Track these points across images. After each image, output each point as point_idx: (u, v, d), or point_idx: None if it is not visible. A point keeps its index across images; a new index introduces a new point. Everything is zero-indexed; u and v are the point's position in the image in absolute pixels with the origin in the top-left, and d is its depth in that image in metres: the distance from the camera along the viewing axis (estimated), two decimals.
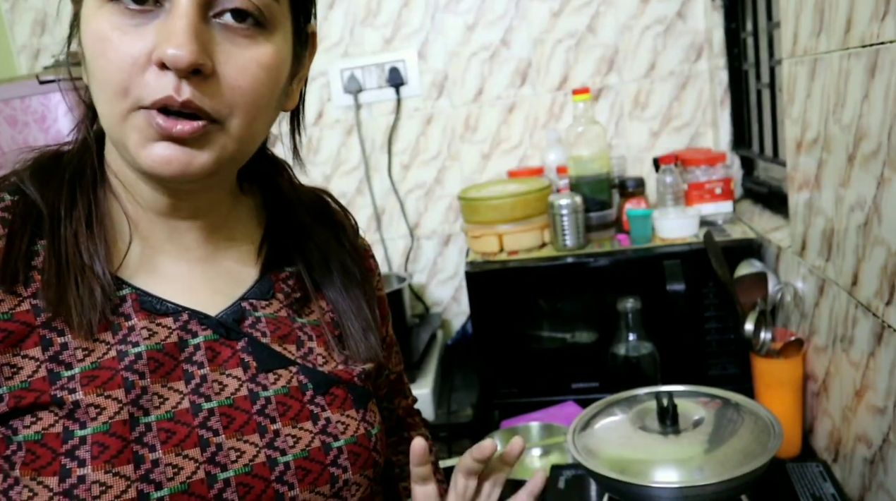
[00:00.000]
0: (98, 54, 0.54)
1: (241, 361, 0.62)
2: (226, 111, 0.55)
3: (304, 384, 0.64)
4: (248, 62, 0.56)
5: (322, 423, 0.63)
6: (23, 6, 1.92)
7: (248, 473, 0.58)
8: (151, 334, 0.59)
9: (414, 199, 1.91)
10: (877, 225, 0.82)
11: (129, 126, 0.54)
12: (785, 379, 1.13)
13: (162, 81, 0.52)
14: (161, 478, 0.55)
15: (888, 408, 0.85)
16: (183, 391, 0.59)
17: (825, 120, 0.95)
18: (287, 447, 0.61)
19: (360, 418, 0.66)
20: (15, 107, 1.44)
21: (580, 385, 1.46)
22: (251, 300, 0.66)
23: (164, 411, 0.57)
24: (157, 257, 0.63)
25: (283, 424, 0.62)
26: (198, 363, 0.60)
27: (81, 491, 0.52)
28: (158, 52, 0.52)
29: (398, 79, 1.82)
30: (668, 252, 1.37)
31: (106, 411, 0.55)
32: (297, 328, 0.67)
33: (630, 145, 1.80)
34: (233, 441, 0.59)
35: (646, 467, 0.79)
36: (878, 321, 0.85)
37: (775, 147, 1.48)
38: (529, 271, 1.44)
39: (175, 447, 0.56)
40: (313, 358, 0.66)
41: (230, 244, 0.68)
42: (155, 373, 0.58)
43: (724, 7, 1.64)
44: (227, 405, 0.60)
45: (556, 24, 1.76)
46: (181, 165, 0.55)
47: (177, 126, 0.53)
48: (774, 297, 1.21)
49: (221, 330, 0.63)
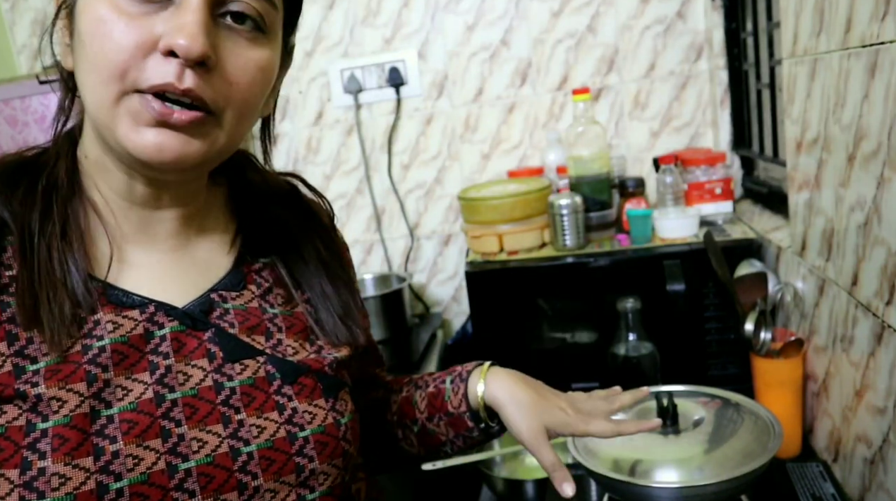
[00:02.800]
0: (98, 35, 0.55)
1: (208, 351, 0.63)
2: (222, 104, 0.57)
3: (272, 374, 0.64)
4: (248, 62, 0.58)
5: (288, 413, 0.64)
6: (23, 6, 1.92)
7: (210, 463, 0.59)
8: (116, 326, 0.60)
9: (414, 199, 1.91)
10: (877, 225, 0.82)
11: (121, 109, 0.55)
12: (785, 379, 1.13)
13: (165, 68, 0.54)
14: (121, 469, 0.55)
15: (888, 408, 0.85)
16: (147, 382, 0.59)
17: (825, 120, 0.95)
18: (251, 437, 0.61)
19: (328, 407, 0.66)
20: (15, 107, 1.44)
21: (580, 385, 1.45)
22: (221, 292, 0.67)
23: (127, 402, 0.58)
24: (129, 247, 0.64)
25: (248, 414, 0.62)
26: (163, 353, 0.61)
27: (41, 483, 0.53)
28: (168, 40, 0.54)
29: (398, 79, 1.82)
30: (668, 252, 1.37)
31: (67, 404, 0.55)
32: (267, 319, 0.68)
33: (630, 145, 1.80)
34: (195, 431, 0.59)
35: (646, 467, 0.79)
36: (878, 321, 0.85)
37: (775, 147, 1.48)
38: (529, 271, 1.44)
39: (136, 438, 0.57)
40: (283, 349, 0.67)
41: (203, 235, 0.69)
42: (119, 365, 0.59)
43: (724, 7, 1.64)
44: (191, 395, 0.60)
45: (556, 24, 1.76)
46: (174, 153, 0.56)
47: (175, 113, 0.55)
48: (774, 297, 1.21)
49: (188, 321, 0.63)
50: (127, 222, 0.64)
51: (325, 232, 0.77)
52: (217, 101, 0.57)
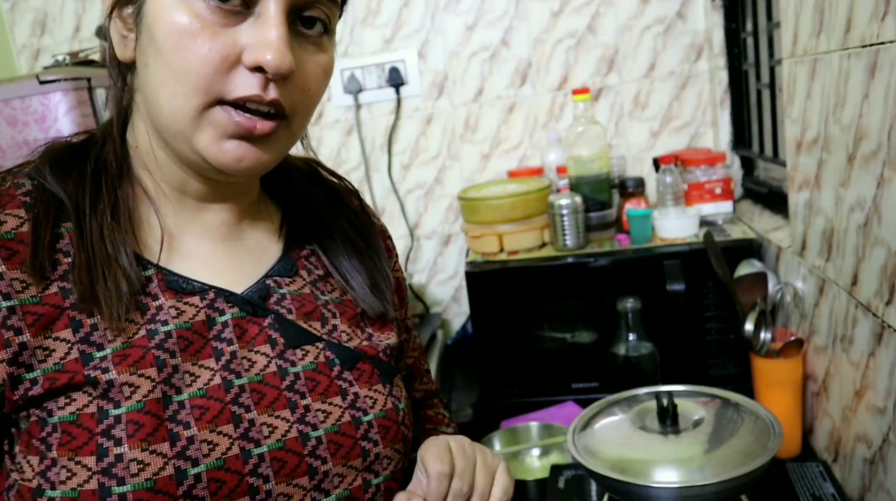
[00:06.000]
0: (182, 47, 0.55)
1: (269, 337, 0.63)
2: (296, 109, 0.60)
3: (331, 360, 0.65)
4: (317, 67, 0.60)
5: (351, 398, 0.64)
6: (23, 6, 1.92)
7: (282, 448, 0.59)
8: (179, 312, 0.60)
9: (414, 199, 1.91)
10: (877, 225, 0.82)
11: (204, 121, 0.56)
12: (785, 379, 1.13)
13: (251, 80, 0.55)
14: (197, 455, 0.55)
15: (888, 408, 0.85)
16: (214, 368, 0.59)
17: (825, 120, 0.95)
18: (318, 421, 0.62)
19: (387, 392, 0.67)
20: (15, 107, 1.44)
21: (580, 385, 1.46)
22: (275, 278, 0.67)
23: (196, 388, 0.58)
24: (182, 236, 0.64)
25: (313, 399, 0.63)
26: (226, 340, 0.61)
27: (120, 470, 0.53)
28: (256, 56, 0.55)
29: (398, 79, 1.82)
30: (668, 252, 1.37)
31: (140, 389, 0.56)
32: (320, 305, 0.68)
33: (630, 145, 1.80)
34: (265, 416, 0.60)
35: (646, 467, 0.79)
36: (878, 321, 0.85)
37: (775, 147, 1.48)
38: (529, 271, 1.44)
39: (209, 423, 0.57)
40: (338, 334, 0.67)
41: (253, 225, 0.70)
42: (185, 351, 0.59)
43: (724, 7, 1.64)
44: (257, 381, 0.61)
45: (556, 24, 1.76)
46: (251, 163, 0.58)
47: (257, 125, 0.57)
48: (774, 297, 1.21)
49: (248, 307, 0.63)
50: (179, 212, 0.64)
51: (353, 214, 0.77)
52: (292, 107, 0.59)
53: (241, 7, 0.55)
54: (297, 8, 0.57)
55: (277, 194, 0.74)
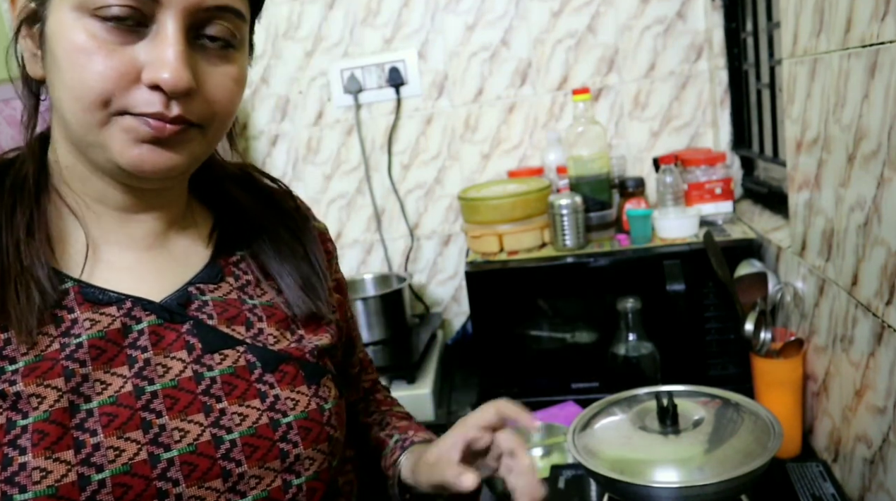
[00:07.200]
0: (77, 66, 0.55)
1: (187, 343, 0.64)
2: (207, 120, 0.60)
3: (252, 363, 0.66)
4: (224, 79, 0.61)
5: (270, 400, 0.64)
6: None
7: (193, 452, 0.60)
8: (94, 323, 0.61)
9: (414, 199, 1.91)
10: (877, 225, 0.82)
11: (112, 129, 0.57)
12: (785, 379, 1.13)
13: (151, 98, 0.56)
14: (102, 461, 0.56)
15: (888, 408, 0.85)
16: (126, 376, 0.60)
17: (825, 120, 0.95)
18: (233, 424, 0.62)
19: (311, 393, 0.67)
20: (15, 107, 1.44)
21: (580, 385, 1.46)
22: (199, 285, 0.68)
23: (106, 396, 0.59)
24: (105, 247, 0.65)
25: (230, 403, 0.63)
26: (141, 347, 0.62)
27: (22, 478, 0.54)
28: (153, 75, 0.55)
29: (398, 79, 1.82)
30: (668, 252, 1.37)
31: (46, 400, 0.56)
32: (246, 310, 0.69)
33: (630, 145, 1.80)
34: (177, 421, 0.60)
35: (646, 467, 0.79)
36: (878, 321, 0.85)
37: (775, 147, 1.48)
38: (529, 271, 1.44)
39: (117, 430, 0.58)
40: (264, 338, 0.68)
41: (181, 232, 0.70)
42: (97, 360, 0.60)
43: (724, 7, 1.64)
44: (171, 386, 0.61)
45: (556, 24, 1.76)
46: (164, 166, 0.59)
47: (167, 127, 0.57)
48: (774, 297, 1.21)
49: (165, 314, 0.64)
50: (103, 224, 0.65)
51: (288, 216, 0.78)
52: (202, 118, 0.60)
53: (136, 26, 0.56)
54: (195, 25, 0.58)
55: (209, 202, 0.75)
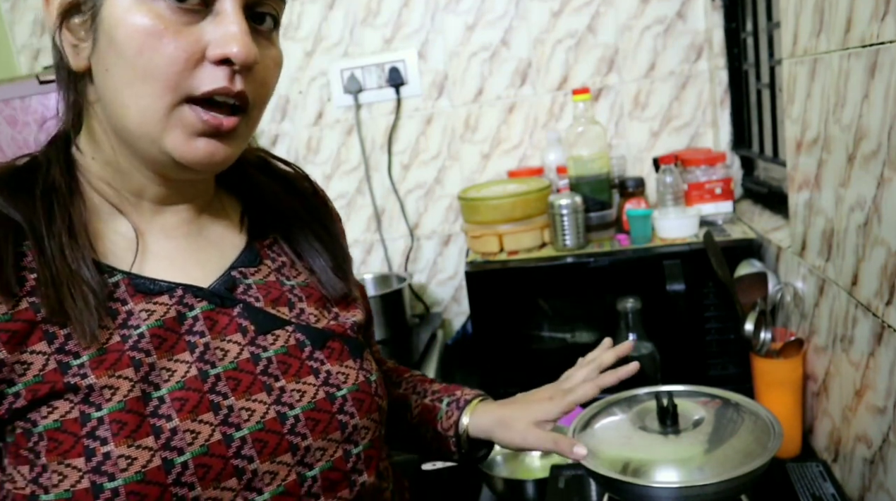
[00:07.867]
0: (147, 48, 0.56)
1: (240, 326, 0.66)
2: (254, 103, 0.62)
3: (302, 341, 0.68)
4: (270, 61, 0.63)
5: (324, 375, 0.67)
6: (23, 6, 1.92)
7: (262, 429, 0.62)
8: (150, 313, 0.62)
9: (414, 199, 1.91)
10: (877, 225, 0.82)
11: (172, 121, 0.58)
12: (785, 379, 1.13)
13: (217, 74, 0.58)
14: (182, 444, 0.58)
15: (888, 408, 0.85)
16: (189, 361, 0.62)
17: (825, 120, 0.95)
18: (294, 401, 0.64)
19: (357, 367, 0.70)
20: (15, 107, 1.44)
21: None
22: (240, 269, 0.69)
23: (174, 382, 0.60)
24: (144, 238, 0.66)
25: (287, 381, 0.65)
26: (198, 333, 0.63)
27: (109, 466, 0.55)
28: (223, 50, 0.57)
29: (398, 79, 1.82)
30: (668, 252, 1.37)
31: (119, 390, 0.58)
32: (286, 291, 0.71)
33: (630, 145, 1.80)
34: (242, 401, 0.62)
35: (646, 467, 0.79)
36: (878, 321, 0.85)
37: (775, 147, 1.48)
38: (529, 271, 1.44)
39: (190, 413, 0.59)
40: (306, 317, 0.70)
41: (214, 220, 0.71)
42: (160, 349, 0.61)
43: (724, 7, 1.64)
44: (231, 368, 0.63)
45: (556, 24, 1.76)
46: (221, 158, 0.61)
47: (224, 122, 0.59)
48: (774, 297, 1.21)
49: (216, 300, 0.66)
50: (140, 216, 0.66)
51: (307, 198, 0.80)
52: (253, 99, 0.61)
53: (199, 6, 0.57)
54: (249, 4, 0.60)
55: (234, 189, 0.76)
